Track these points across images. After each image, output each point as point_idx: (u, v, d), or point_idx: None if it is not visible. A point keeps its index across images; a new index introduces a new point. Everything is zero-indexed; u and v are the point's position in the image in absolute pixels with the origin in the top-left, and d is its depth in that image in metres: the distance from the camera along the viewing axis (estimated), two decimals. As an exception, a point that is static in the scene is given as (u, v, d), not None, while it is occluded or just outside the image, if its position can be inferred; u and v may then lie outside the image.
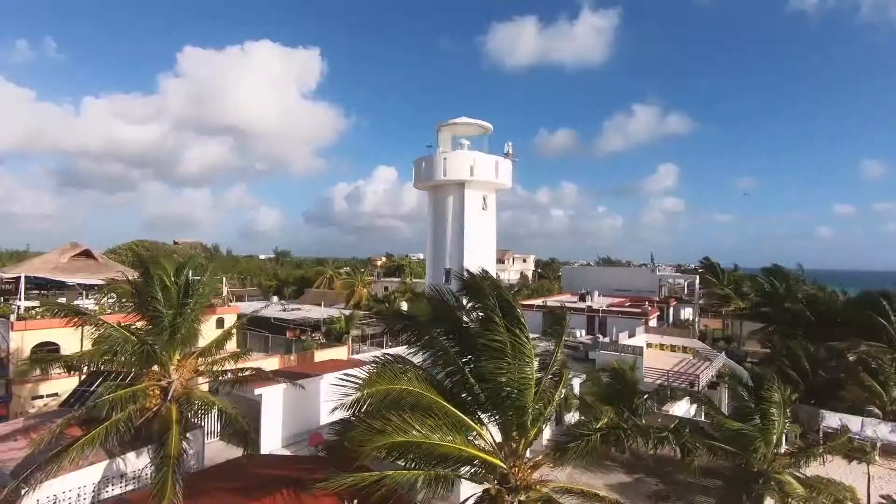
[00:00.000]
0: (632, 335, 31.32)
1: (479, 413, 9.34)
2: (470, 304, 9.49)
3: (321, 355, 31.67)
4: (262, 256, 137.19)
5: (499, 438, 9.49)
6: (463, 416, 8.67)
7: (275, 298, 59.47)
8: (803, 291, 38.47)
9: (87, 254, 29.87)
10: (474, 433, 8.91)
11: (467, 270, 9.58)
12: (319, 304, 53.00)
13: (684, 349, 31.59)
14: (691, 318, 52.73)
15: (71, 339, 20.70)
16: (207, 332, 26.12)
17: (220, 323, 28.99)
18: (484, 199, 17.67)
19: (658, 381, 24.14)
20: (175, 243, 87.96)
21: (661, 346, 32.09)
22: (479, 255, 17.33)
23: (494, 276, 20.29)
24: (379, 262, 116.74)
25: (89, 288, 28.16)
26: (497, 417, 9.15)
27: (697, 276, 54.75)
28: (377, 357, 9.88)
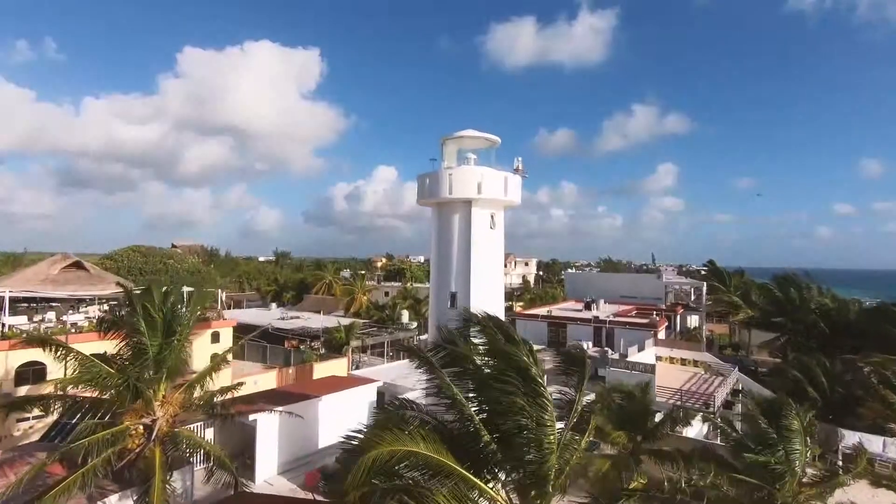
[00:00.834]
0: (641, 349, 30.34)
1: (494, 468, 8.38)
2: (482, 348, 8.54)
3: (320, 369, 30.74)
4: (261, 258, 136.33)
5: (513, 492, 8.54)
6: (475, 480, 7.69)
7: (273, 305, 58.48)
8: (816, 301, 37.35)
9: (77, 265, 28.86)
10: (489, 497, 7.94)
11: (482, 320, 8.59)
12: (318, 312, 52.08)
13: (695, 363, 30.52)
14: (698, 325, 51.74)
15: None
16: (202, 346, 25.14)
17: (215, 337, 27.92)
18: (492, 217, 16.62)
19: (671, 401, 23.13)
20: (174, 246, 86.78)
21: (671, 360, 31.03)
22: (487, 276, 16.38)
23: (502, 289, 19.43)
24: (379, 264, 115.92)
25: (79, 302, 27.20)
26: (514, 477, 8.18)
27: (704, 283, 53.70)
28: (385, 403, 8.92)
